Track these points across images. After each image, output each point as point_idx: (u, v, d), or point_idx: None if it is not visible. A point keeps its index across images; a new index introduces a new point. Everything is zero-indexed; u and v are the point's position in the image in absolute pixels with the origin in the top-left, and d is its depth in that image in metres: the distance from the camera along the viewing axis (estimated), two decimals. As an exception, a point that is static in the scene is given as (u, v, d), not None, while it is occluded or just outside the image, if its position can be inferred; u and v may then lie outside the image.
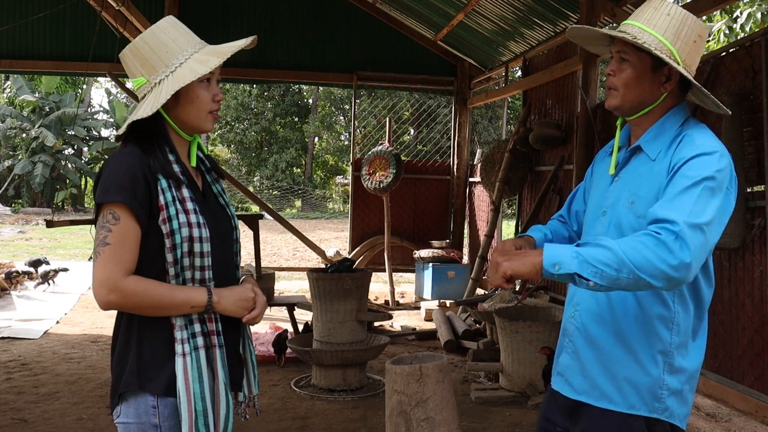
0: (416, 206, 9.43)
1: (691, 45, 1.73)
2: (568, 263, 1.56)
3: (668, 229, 1.54)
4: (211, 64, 1.70)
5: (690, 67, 1.74)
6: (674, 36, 1.71)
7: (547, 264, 1.58)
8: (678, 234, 1.53)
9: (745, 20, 8.26)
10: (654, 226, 1.57)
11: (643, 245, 1.53)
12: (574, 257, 1.56)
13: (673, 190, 1.63)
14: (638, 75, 1.75)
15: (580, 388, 1.81)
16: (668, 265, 1.52)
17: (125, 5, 6.03)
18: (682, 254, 1.52)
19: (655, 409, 1.72)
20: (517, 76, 9.83)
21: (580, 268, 1.55)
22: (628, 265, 1.52)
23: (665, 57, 1.69)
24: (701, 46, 1.76)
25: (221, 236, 1.79)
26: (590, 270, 1.55)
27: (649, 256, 1.52)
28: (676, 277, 1.54)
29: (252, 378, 1.88)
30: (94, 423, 4.11)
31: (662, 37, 1.71)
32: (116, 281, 1.61)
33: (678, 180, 1.64)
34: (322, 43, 9.08)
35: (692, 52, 1.74)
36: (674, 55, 1.71)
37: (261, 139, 29.48)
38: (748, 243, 3.77)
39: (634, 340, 1.73)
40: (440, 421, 2.93)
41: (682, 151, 1.68)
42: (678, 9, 1.74)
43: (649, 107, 1.78)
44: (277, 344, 5.45)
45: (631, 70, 1.75)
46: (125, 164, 1.66)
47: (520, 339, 4.68)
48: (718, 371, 3.97)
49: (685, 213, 1.56)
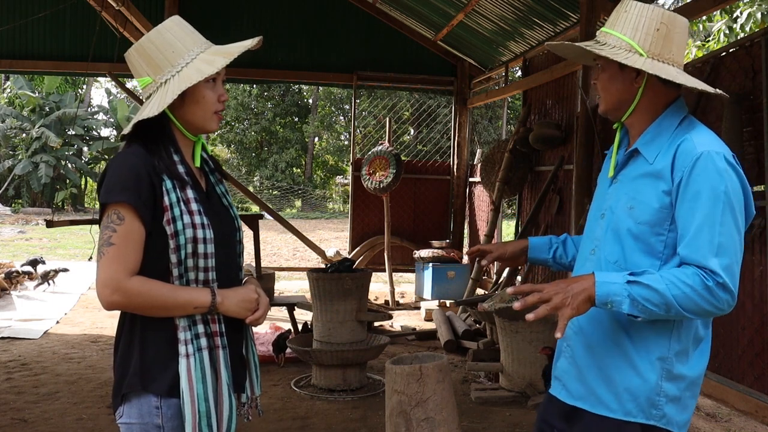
0: (416, 206, 9.43)
1: (654, 34, 1.71)
2: (619, 302, 1.62)
3: (713, 278, 1.60)
4: (217, 64, 1.68)
5: (660, 56, 1.72)
6: (633, 29, 1.73)
7: (599, 302, 1.63)
8: (722, 283, 1.60)
9: (745, 20, 8.26)
10: (697, 270, 1.62)
11: (693, 291, 1.60)
12: (625, 296, 1.61)
13: (692, 217, 1.63)
14: (610, 76, 1.78)
15: (576, 394, 1.80)
16: (716, 308, 1.62)
17: (125, 5, 6.03)
18: (729, 299, 1.62)
19: (652, 416, 1.71)
20: (517, 76, 9.83)
21: (630, 309, 1.62)
22: (676, 307, 1.61)
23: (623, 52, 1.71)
24: (672, 33, 1.73)
25: (225, 237, 1.78)
26: (640, 309, 1.61)
27: (699, 301, 1.60)
28: (719, 314, 1.65)
29: (254, 379, 1.88)
30: (94, 423, 4.11)
31: (621, 34, 1.74)
32: (120, 281, 1.61)
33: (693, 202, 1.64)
34: (322, 43, 9.08)
35: (658, 40, 1.72)
36: (635, 48, 1.71)
37: (261, 139, 29.48)
38: (748, 243, 3.77)
39: (632, 346, 1.72)
40: (440, 421, 2.93)
41: (684, 160, 1.67)
42: (637, 5, 1.76)
43: (631, 105, 1.78)
44: (277, 344, 5.44)
45: (605, 74, 1.80)
46: (130, 164, 1.65)
47: (520, 339, 4.68)
48: (718, 371, 3.98)
49: (718, 253, 1.61)
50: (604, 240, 1.79)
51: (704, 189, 1.62)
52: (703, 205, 1.62)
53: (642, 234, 1.71)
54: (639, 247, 1.72)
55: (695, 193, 1.63)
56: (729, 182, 1.64)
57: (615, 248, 1.76)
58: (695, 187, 1.63)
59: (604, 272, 1.69)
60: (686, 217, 1.64)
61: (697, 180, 1.63)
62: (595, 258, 1.81)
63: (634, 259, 1.72)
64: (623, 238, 1.74)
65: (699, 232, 1.62)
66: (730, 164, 1.66)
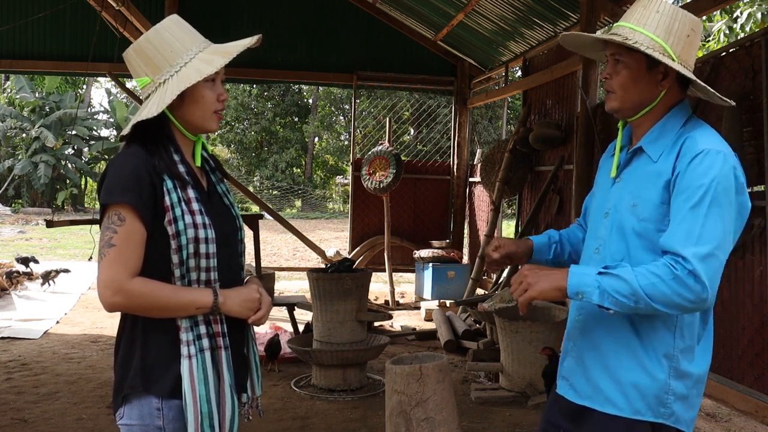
0: (416, 206, 9.43)
1: (684, 39, 1.71)
2: (589, 293, 1.65)
3: (682, 266, 1.58)
4: (216, 63, 1.68)
5: (686, 62, 1.73)
6: (666, 32, 1.70)
7: (571, 292, 1.67)
8: (692, 271, 1.57)
9: (745, 20, 8.26)
10: (669, 258, 1.61)
11: (660, 280, 1.59)
12: (595, 287, 1.63)
13: (679, 209, 1.64)
14: (634, 76, 1.74)
15: (584, 393, 1.80)
16: (685, 299, 1.59)
17: (125, 5, 6.03)
18: (699, 290, 1.58)
19: (660, 414, 1.71)
20: (517, 76, 9.83)
21: (600, 300, 1.64)
22: (644, 298, 1.59)
23: (658, 55, 1.68)
24: (696, 39, 1.74)
25: (226, 237, 1.78)
26: (609, 301, 1.63)
27: (666, 291, 1.58)
28: (692, 309, 1.62)
29: (255, 379, 1.88)
30: (94, 423, 4.11)
31: (653, 34, 1.70)
32: (121, 283, 1.60)
33: (683, 194, 1.64)
34: (322, 43, 9.08)
35: (687, 46, 1.72)
36: (668, 52, 1.69)
37: (261, 139, 29.47)
38: (748, 243, 3.77)
39: (639, 344, 1.72)
40: (440, 421, 2.93)
41: (685, 156, 1.67)
42: (668, 5, 1.72)
43: (648, 107, 1.77)
44: (269, 348, 5.31)
45: (627, 71, 1.75)
46: (130, 165, 1.64)
47: (520, 339, 4.68)
48: (718, 371, 3.97)
49: (696, 243, 1.59)
50: (609, 239, 1.79)
51: (696, 183, 1.63)
52: (691, 197, 1.62)
53: (645, 231, 1.71)
54: (643, 245, 1.72)
55: (687, 187, 1.64)
56: (722, 179, 1.63)
57: (620, 246, 1.76)
58: (688, 181, 1.64)
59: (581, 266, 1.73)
60: (675, 209, 1.65)
61: (691, 175, 1.64)
62: (600, 257, 1.81)
63: (639, 256, 1.72)
64: (628, 237, 1.74)
65: (681, 222, 1.62)
66: (729, 163, 1.66)
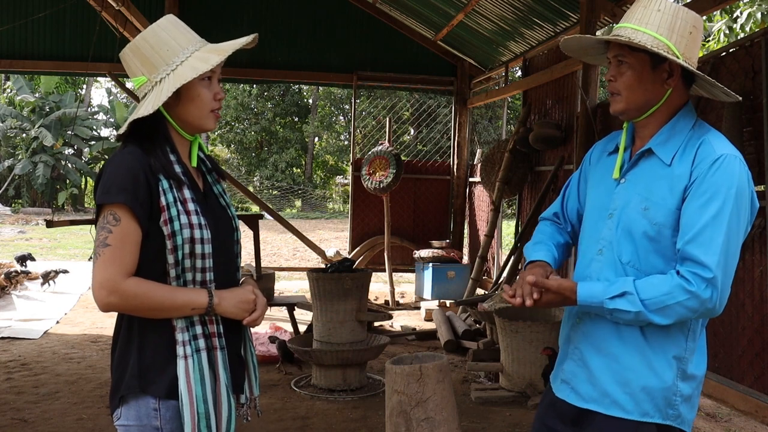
0: (416, 206, 9.43)
1: (687, 37, 1.71)
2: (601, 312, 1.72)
3: (701, 276, 1.59)
4: (212, 61, 1.68)
5: (690, 59, 1.72)
6: (669, 30, 1.69)
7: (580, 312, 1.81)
8: (711, 282, 1.59)
9: (745, 20, 8.26)
10: (686, 269, 1.62)
11: (672, 299, 1.62)
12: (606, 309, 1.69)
13: (700, 216, 1.64)
14: (639, 76, 1.72)
15: (588, 396, 1.79)
16: (695, 312, 1.63)
17: (125, 5, 6.03)
18: (713, 302, 1.61)
19: (668, 416, 1.71)
20: (517, 76, 9.83)
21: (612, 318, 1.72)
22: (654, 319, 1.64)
23: (663, 52, 1.67)
24: (698, 36, 1.74)
25: (222, 237, 1.77)
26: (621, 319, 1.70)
27: (678, 309, 1.62)
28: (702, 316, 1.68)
29: (253, 379, 1.87)
30: (94, 423, 4.11)
31: (656, 33, 1.69)
32: (117, 283, 1.60)
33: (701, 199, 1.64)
34: (322, 43, 9.07)
35: (690, 43, 1.72)
36: (672, 50, 1.69)
37: (261, 139, 29.47)
38: (748, 243, 3.77)
39: (648, 346, 1.71)
40: (440, 421, 2.93)
41: (703, 162, 1.67)
42: (668, 3, 1.72)
43: (654, 107, 1.75)
44: (282, 349, 5.39)
45: (631, 72, 1.73)
46: (126, 164, 1.64)
47: (520, 339, 4.68)
48: (718, 371, 3.97)
49: (718, 253, 1.60)
50: (615, 241, 1.77)
51: (719, 190, 1.63)
52: (714, 204, 1.62)
53: (658, 235, 1.70)
54: (654, 248, 1.71)
55: (708, 193, 1.63)
56: (741, 186, 1.64)
57: (628, 249, 1.74)
58: (710, 187, 1.64)
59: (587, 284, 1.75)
60: (693, 215, 1.64)
61: (712, 181, 1.64)
62: (604, 259, 1.79)
63: (649, 260, 1.71)
64: (637, 239, 1.72)
65: (704, 229, 1.62)
66: (744, 168, 1.68)
